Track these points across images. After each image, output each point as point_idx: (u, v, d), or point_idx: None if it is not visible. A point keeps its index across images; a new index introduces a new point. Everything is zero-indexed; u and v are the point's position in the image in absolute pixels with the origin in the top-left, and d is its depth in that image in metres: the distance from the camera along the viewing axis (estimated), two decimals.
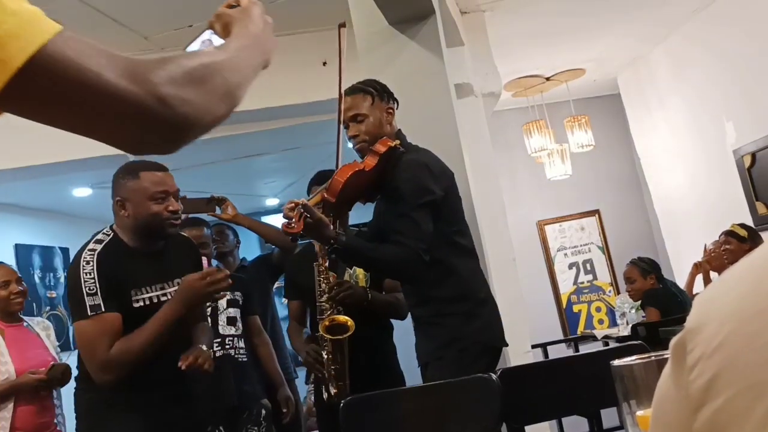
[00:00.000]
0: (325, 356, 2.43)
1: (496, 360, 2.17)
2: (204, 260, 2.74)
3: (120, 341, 1.92)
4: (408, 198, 2.10)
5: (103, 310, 1.91)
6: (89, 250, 2.01)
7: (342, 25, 2.22)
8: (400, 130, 2.31)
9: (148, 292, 2.04)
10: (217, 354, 2.86)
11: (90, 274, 1.94)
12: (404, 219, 2.09)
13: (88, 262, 1.97)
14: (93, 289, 1.92)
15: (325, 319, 2.43)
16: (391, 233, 2.11)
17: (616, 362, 0.72)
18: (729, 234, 4.11)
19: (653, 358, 0.70)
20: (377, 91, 2.25)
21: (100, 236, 2.07)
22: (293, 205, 2.02)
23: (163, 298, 2.05)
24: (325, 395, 2.45)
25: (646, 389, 0.70)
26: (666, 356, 0.72)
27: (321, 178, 2.71)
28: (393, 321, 2.79)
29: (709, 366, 0.40)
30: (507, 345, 2.24)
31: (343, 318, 2.42)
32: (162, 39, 4.04)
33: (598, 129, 5.88)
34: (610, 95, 6.32)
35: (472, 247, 2.28)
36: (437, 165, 2.22)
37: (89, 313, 1.90)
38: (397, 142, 2.19)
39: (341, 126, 2.22)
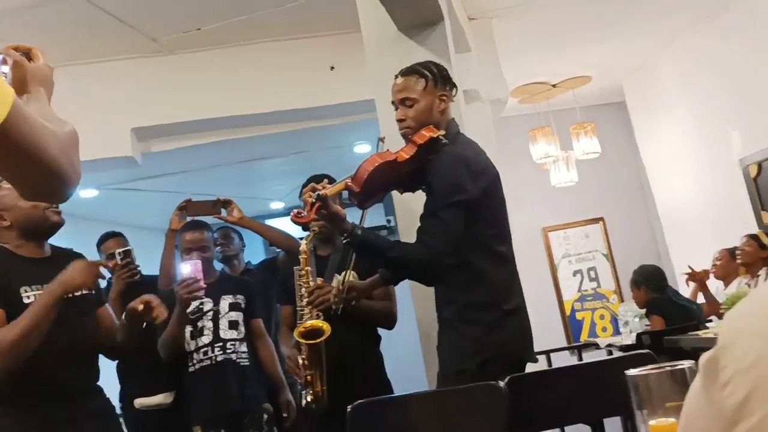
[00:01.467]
0: (301, 362, 2.37)
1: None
2: (198, 263, 2.73)
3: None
4: (439, 195, 1.99)
5: None
6: None
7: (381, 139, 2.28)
8: (453, 119, 2.19)
9: (38, 289, 2.04)
10: (219, 358, 2.86)
11: None
12: (432, 218, 1.98)
13: None
14: None
15: (300, 325, 2.37)
16: (417, 231, 2.01)
17: (631, 372, 0.72)
18: (752, 237, 4.18)
19: (668, 368, 0.70)
20: (433, 75, 2.12)
21: None
22: (312, 191, 1.93)
23: None
24: (303, 402, 2.43)
25: (660, 399, 0.70)
26: (680, 366, 0.72)
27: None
28: (382, 331, 2.75)
29: (743, 383, 0.41)
30: (536, 361, 2.12)
31: (318, 323, 2.34)
32: (170, 42, 4.06)
33: (603, 136, 5.88)
34: (616, 103, 6.33)
35: (510, 254, 2.14)
36: (478, 162, 2.06)
37: None
38: (441, 132, 2.06)
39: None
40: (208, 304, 2.92)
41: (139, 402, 3.09)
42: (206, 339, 2.88)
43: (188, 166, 5.11)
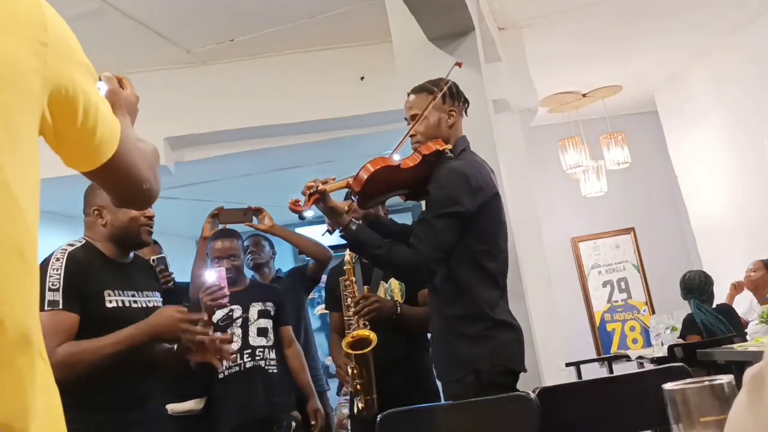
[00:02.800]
0: (350, 371, 2.41)
1: (514, 386, 2.08)
2: (222, 270, 2.75)
3: (70, 343, 1.87)
4: (434, 204, 2.07)
5: (60, 307, 1.89)
6: (61, 249, 2.02)
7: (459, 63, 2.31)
8: (464, 136, 2.25)
9: (120, 295, 2.04)
10: (247, 365, 2.88)
11: (57, 271, 1.93)
12: (424, 224, 2.05)
13: (58, 259, 1.97)
14: (56, 285, 1.91)
15: (348, 336, 2.41)
16: (411, 235, 2.08)
17: (669, 385, 0.71)
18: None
19: (706, 382, 0.70)
20: (441, 92, 2.21)
21: (72, 242, 2.09)
22: (313, 183, 2.01)
23: (135, 305, 2.06)
24: (354, 409, 2.45)
25: (697, 414, 0.70)
26: (719, 381, 0.72)
27: None
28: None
29: None
30: (525, 371, 2.14)
31: (364, 332, 2.38)
32: (204, 53, 4.13)
33: (634, 146, 5.82)
34: (648, 112, 6.26)
35: (500, 276, 2.17)
36: (478, 179, 2.11)
37: (46, 307, 1.88)
38: (448, 147, 2.14)
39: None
40: (238, 311, 2.95)
41: (171, 408, 3.12)
42: (235, 346, 2.90)
43: (220, 174, 5.17)
